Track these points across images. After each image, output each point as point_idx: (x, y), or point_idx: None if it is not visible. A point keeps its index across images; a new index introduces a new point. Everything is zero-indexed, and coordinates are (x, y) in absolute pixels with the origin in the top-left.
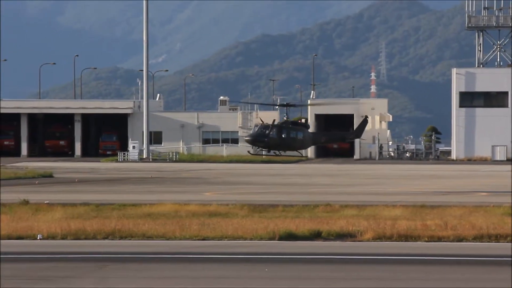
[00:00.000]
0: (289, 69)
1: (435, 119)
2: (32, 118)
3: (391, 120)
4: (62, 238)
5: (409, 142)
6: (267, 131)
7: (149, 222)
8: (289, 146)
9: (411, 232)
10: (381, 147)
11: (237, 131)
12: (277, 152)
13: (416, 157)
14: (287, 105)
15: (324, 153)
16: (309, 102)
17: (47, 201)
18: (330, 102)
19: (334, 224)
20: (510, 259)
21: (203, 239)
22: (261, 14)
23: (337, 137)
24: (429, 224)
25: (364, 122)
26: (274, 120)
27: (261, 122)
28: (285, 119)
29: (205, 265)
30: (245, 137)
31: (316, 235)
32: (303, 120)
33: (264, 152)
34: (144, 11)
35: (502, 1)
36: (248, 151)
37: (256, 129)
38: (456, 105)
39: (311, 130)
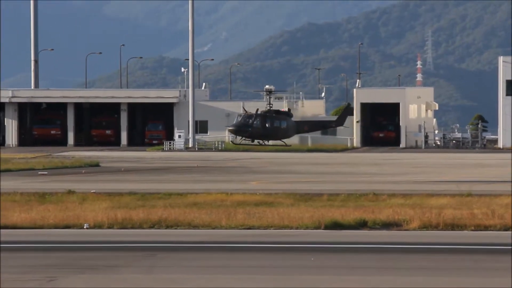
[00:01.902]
0: (334, 58)
1: (482, 107)
2: (79, 107)
3: (437, 108)
4: (109, 228)
5: (455, 130)
6: (250, 121)
7: (195, 212)
8: (273, 136)
9: (457, 221)
10: (427, 136)
11: None
12: (261, 142)
13: (462, 145)
14: (270, 92)
15: (369, 142)
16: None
17: (94, 191)
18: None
19: (380, 213)
20: None
21: (249, 228)
22: (306, 2)
23: (319, 125)
24: (476, 213)
25: (347, 109)
26: (257, 110)
27: (245, 112)
28: (268, 108)
29: (251, 254)
30: (228, 127)
31: (362, 224)
32: (286, 109)
33: (246, 142)
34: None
35: None
36: (231, 141)
37: (240, 118)
38: (502, 94)
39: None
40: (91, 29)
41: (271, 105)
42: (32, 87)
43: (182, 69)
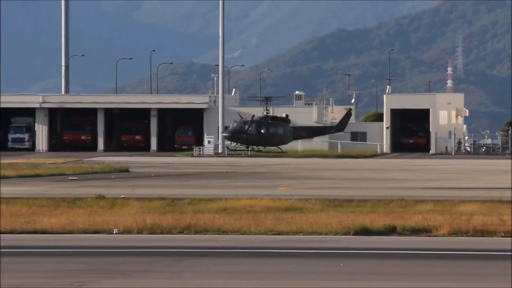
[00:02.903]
0: (364, 64)
1: None
2: (109, 113)
3: (467, 115)
4: (138, 233)
5: (486, 137)
6: (245, 127)
7: (224, 217)
8: (268, 142)
9: (487, 228)
10: (459, 142)
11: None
12: (256, 148)
13: (492, 152)
14: (267, 99)
15: (399, 148)
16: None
17: (123, 196)
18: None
19: (409, 219)
20: None
21: (278, 234)
22: (337, 8)
23: (318, 131)
24: (506, 219)
25: (347, 115)
26: (253, 116)
27: (241, 118)
28: (265, 114)
29: (280, 260)
30: (223, 133)
31: (391, 230)
32: (283, 115)
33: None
34: (220, 5)
35: None
36: (227, 147)
37: (235, 125)
38: None
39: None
40: (122, 34)
41: (268, 111)
42: (63, 93)
43: (212, 75)
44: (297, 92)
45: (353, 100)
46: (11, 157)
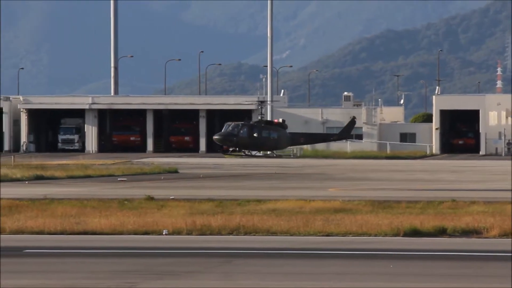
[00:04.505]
0: (413, 65)
1: None
2: (158, 114)
3: None
4: (187, 234)
5: None
6: (236, 130)
7: (273, 218)
8: (261, 146)
9: None
10: (508, 143)
11: (361, 127)
12: (247, 152)
13: None
14: (261, 102)
15: (449, 149)
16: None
17: (173, 197)
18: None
19: (460, 220)
20: None
21: (327, 235)
22: (385, 8)
23: (318, 138)
24: None
25: (351, 123)
26: (245, 119)
27: (233, 122)
28: (259, 118)
29: (329, 261)
30: (214, 136)
31: (441, 232)
32: (280, 120)
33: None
34: (269, 6)
35: None
36: (221, 151)
37: (227, 128)
38: None
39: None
40: (170, 35)
41: (262, 115)
42: (112, 94)
43: (261, 76)
44: (345, 93)
45: (402, 101)
46: (61, 158)
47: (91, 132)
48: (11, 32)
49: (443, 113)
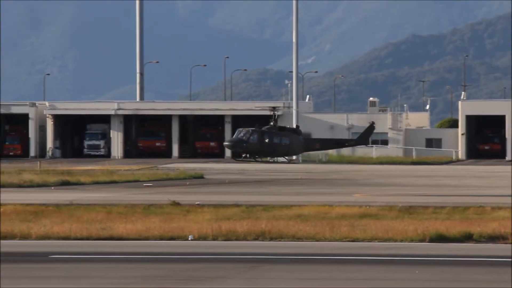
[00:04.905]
0: (439, 70)
1: None
2: (183, 119)
3: None
4: (213, 239)
5: None
6: (247, 136)
7: (299, 224)
8: (272, 152)
9: None
10: None
11: (387, 133)
12: (257, 157)
13: None
14: (274, 108)
15: (475, 155)
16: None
17: (198, 202)
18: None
19: (486, 226)
20: None
21: (353, 241)
22: (410, 14)
23: (334, 143)
24: None
25: (370, 128)
26: (256, 125)
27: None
28: (271, 124)
29: (355, 267)
30: (225, 142)
31: (467, 237)
32: (294, 126)
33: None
34: (294, 12)
35: None
36: (233, 157)
37: (238, 134)
38: None
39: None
40: (196, 41)
41: (275, 121)
42: (138, 99)
43: (286, 81)
44: (371, 98)
45: (427, 107)
46: (87, 164)
47: (116, 138)
48: (40, 38)
49: (469, 119)
